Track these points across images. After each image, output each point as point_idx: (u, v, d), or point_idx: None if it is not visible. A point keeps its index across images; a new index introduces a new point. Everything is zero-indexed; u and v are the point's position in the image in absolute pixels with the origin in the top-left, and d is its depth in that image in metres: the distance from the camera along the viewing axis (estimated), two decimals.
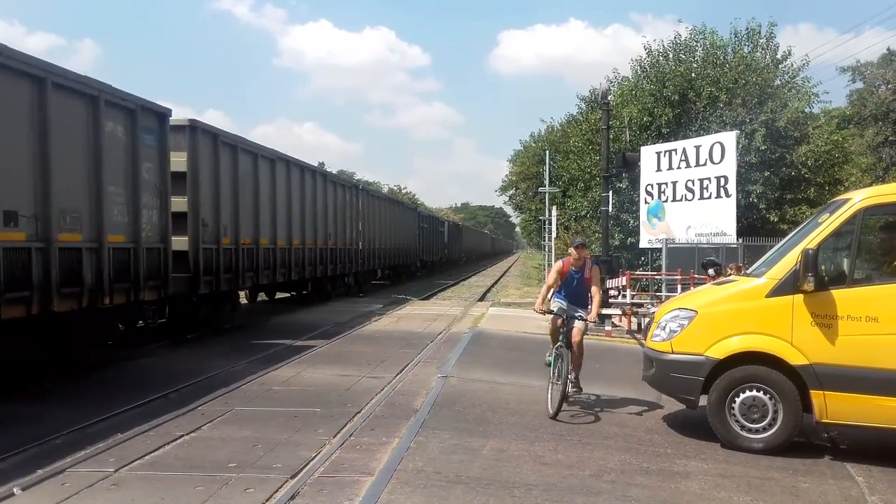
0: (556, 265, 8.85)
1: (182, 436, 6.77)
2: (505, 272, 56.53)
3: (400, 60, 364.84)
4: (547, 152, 32.75)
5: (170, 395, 8.55)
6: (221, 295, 14.74)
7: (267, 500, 5.17)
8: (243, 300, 18.57)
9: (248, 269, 15.68)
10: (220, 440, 6.69)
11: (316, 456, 6.22)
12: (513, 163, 55.85)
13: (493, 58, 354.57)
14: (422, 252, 40.83)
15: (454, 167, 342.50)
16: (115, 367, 10.62)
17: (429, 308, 21.59)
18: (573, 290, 8.52)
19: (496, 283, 39.70)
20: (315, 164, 21.92)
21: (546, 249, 33.46)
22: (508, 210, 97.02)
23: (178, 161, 12.99)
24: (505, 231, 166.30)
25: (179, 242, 12.89)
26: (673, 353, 7.11)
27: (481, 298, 27.14)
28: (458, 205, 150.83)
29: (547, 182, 31.22)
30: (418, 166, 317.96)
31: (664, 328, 7.28)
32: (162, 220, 11.93)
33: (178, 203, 12.85)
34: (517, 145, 71.58)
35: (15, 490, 5.28)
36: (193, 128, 13.57)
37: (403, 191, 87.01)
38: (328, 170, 26.72)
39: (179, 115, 13.08)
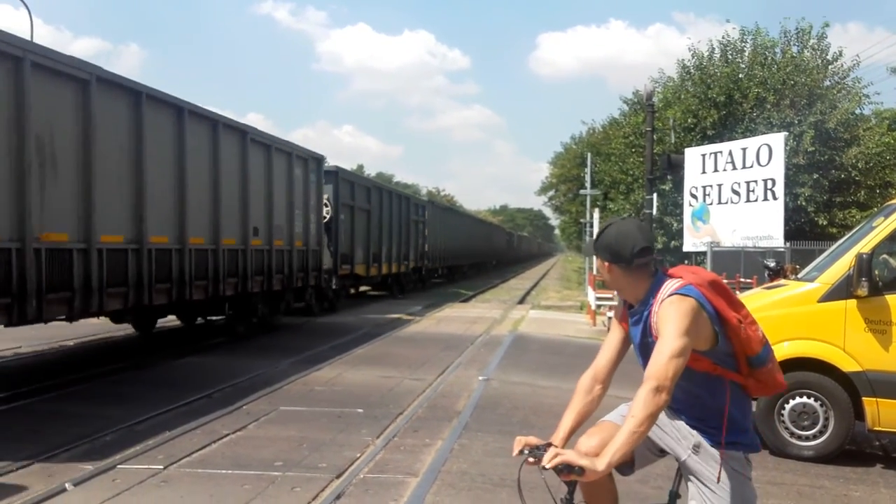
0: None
1: (228, 434, 6.86)
2: (544, 275, 56.31)
3: (440, 63, 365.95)
4: (588, 155, 32.49)
5: (214, 395, 8.66)
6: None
7: (313, 500, 5.21)
8: None
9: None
10: (266, 439, 6.76)
11: (360, 456, 6.25)
12: (553, 165, 55.62)
13: (532, 60, 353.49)
14: (483, 255, 48.22)
15: (493, 169, 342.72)
16: (162, 367, 10.80)
17: (468, 310, 21.59)
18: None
19: (535, 285, 39.55)
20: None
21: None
22: (547, 212, 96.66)
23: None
24: (544, 233, 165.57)
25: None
26: None
27: (521, 301, 27.07)
28: (497, 207, 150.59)
29: (588, 185, 31.01)
30: (457, 169, 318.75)
31: None
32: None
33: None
34: (557, 147, 71.32)
35: (67, 486, 5.38)
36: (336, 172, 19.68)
37: (442, 193, 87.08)
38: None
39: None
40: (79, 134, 8.92)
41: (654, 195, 17.30)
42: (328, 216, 18.75)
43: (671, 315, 2.67)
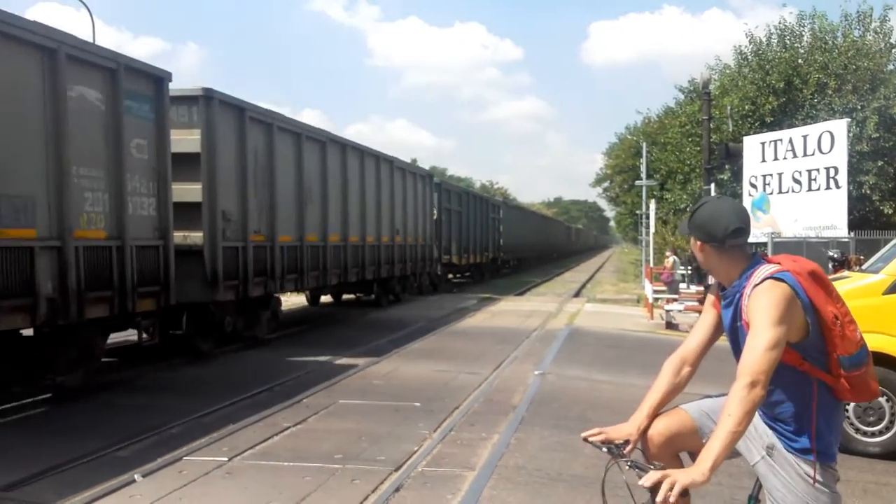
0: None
1: (289, 427, 7.01)
2: (600, 267, 55.83)
3: (492, 55, 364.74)
4: (644, 145, 32.06)
5: (275, 388, 8.86)
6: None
7: (372, 492, 5.30)
8: None
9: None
10: (326, 432, 6.90)
11: (418, 449, 6.33)
12: (608, 155, 54.91)
13: (584, 50, 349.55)
14: (546, 248, 55.96)
15: (546, 161, 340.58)
16: (222, 361, 11.08)
17: (523, 304, 21.56)
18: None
19: (591, 278, 39.25)
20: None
21: (643, 244, 32.80)
22: (602, 204, 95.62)
23: None
24: (599, 225, 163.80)
25: None
26: None
27: (576, 294, 26.92)
28: (551, 199, 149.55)
29: (644, 175, 30.58)
30: (510, 161, 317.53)
31: None
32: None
33: None
34: (611, 138, 70.33)
35: (136, 477, 5.58)
36: (440, 183, 26.25)
37: (495, 186, 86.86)
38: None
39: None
40: (310, 170, 14.25)
41: (712, 185, 16.98)
42: (435, 217, 24.09)
43: (764, 303, 2.51)
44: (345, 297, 20.55)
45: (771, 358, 2.45)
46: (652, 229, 23.79)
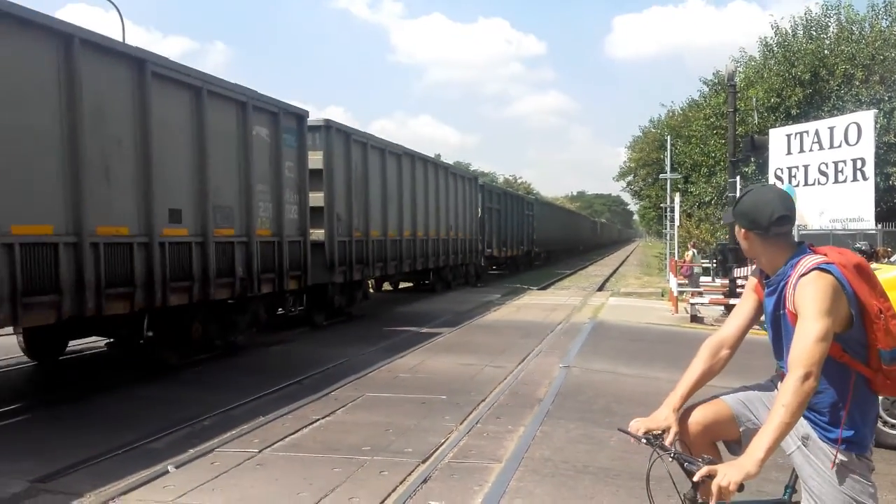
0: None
1: (318, 419, 7.12)
2: (623, 261, 55.57)
3: (516, 50, 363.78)
4: (668, 138, 31.87)
5: (304, 381, 8.98)
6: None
7: (400, 484, 5.37)
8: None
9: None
10: (354, 424, 6.99)
11: (444, 442, 6.40)
12: (631, 149, 54.53)
13: (607, 44, 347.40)
14: (573, 242, 60.40)
15: (569, 155, 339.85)
16: (253, 354, 11.23)
17: (547, 298, 21.57)
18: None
19: (615, 272, 39.11)
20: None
21: (667, 238, 32.62)
22: (626, 197, 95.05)
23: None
24: (622, 219, 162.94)
25: None
26: None
27: (600, 288, 26.86)
28: (574, 193, 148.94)
29: (668, 168, 30.41)
30: (533, 156, 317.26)
31: None
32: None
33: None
34: (635, 131, 69.85)
35: (169, 468, 5.71)
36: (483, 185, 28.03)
37: (519, 181, 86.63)
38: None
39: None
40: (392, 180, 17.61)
41: (738, 178, 16.87)
42: (479, 215, 26.75)
43: (811, 293, 2.53)
44: (402, 285, 23.82)
45: (822, 349, 2.48)
46: (677, 222, 23.68)
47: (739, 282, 15.97)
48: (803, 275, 2.58)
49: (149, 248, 8.76)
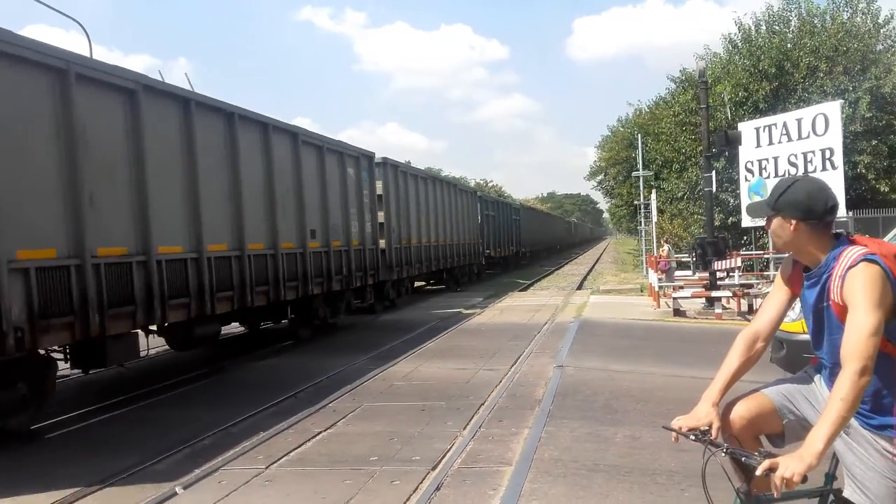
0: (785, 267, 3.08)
1: (320, 432, 7.06)
2: (598, 259, 55.99)
3: (479, 55, 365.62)
4: (639, 136, 32.22)
5: (299, 395, 8.91)
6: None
7: (414, 492, 5.34)
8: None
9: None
10: (357, 435, 6.95)
11: (451, 447, 6.39)
12: (601, 148, 54.98)
13: (569, 46, 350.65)
14: (552, 241, 66.08)
15: (536, 157, 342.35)
16: (241, 370, 11.13)
17: (528, 299, 21.64)
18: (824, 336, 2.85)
19: (591, 270, 39.38)
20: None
21: (642, 234, 32.94)
22: (596, 196, 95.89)
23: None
24: (592, 217, 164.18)
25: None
26: (805, 332, 6.94)
27: (579, 287, 27.01)
28: (544, 194, 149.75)
29: (640, 165, 30.72)
30: (501, 159, 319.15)
31: (794, 308, 7.10)
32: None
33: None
34: (600, 130, 70.81)
35: (177, 489, 5.61)
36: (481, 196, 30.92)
37: (490, 184, 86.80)
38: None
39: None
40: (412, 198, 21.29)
41: (713, 172, 17.09)
42: (479, 222, 30.68)
43: (861, 285, 2.53)
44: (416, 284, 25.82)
45: (875, 342, 2.49)
46: (654, 218, 23.90)
47: (719, 275, 16.17)
48: (851, 266, 2.58)
49: (301, 257, 13.15)
